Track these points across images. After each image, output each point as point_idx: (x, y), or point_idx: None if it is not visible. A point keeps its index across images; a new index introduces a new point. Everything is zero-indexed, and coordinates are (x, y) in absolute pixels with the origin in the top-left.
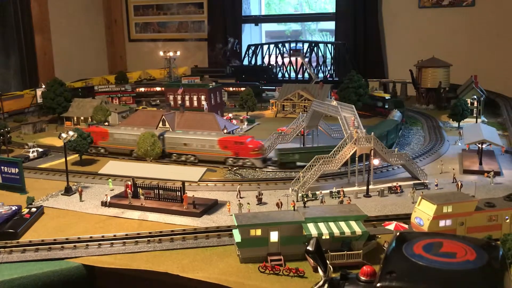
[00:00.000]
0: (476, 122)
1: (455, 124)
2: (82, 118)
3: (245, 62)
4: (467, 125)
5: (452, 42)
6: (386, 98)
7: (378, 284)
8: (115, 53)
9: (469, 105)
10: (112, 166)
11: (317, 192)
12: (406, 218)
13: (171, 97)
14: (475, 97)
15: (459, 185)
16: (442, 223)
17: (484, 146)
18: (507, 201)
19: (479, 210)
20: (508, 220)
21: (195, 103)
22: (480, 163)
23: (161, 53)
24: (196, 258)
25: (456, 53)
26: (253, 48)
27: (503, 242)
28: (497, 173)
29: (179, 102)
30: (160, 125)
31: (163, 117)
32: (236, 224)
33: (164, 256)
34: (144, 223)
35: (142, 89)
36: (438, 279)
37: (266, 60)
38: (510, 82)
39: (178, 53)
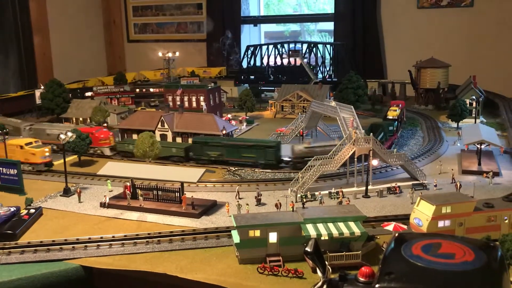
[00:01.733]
0: (475, 122)
1: (454, 124)
2: (81, 119)
3: (244, 63)
4: (466, 126)
5: (451, 42)
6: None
7: (377, 285)
8: (114, 53)
9: (468, 105)
10: (110, 167)
11: (316, 193)
12: (405, 218)
13: (170, 98)
14: (474, 97)
15: (458, 185)
16: (441, 223)
17: (483, 146)
18: (506, 202)
19: (478, 211)
20: (507, 221)
21: (194, 104)
22: (479, 164)
23: (160, 54)
24: (195, 259)
25: (455, 54)
26: (252, 48)
27: (502, 243)
28: (496, 174)
29: (178, 103)
30: (159, 126)
31: (162, 118)
32: (235, 225)
33: (162, 257)
34: (143, 224)
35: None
36: (437, 280)
37: (265, 60)
38: (509, 82)
39: (177, 53)
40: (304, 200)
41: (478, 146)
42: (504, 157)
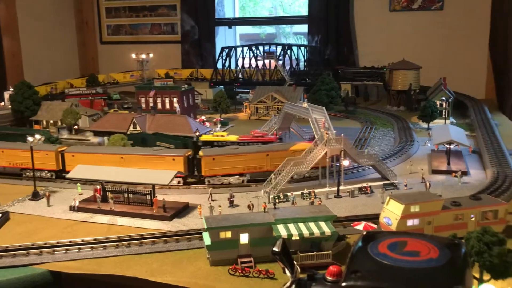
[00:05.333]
0: (445, 123)
1: (425, 125)
2: (51, 121)
3: (219, 64)
4: (436, 126)
5: (422, 45)
6: None
7: (343, 284)
8: (87, 55)
9: (438, 106)
10: (80, 170)
11: (289, 194)
12: (375, 218)
13: (143, 100)
14: (444, 98)
15: (428, 185)
16: (410, 222)
17: (452, 146)
18: (472, 200)
19: (446, 209)
20: (473, 219)
21: (168, 106)
22: (448, 163)
23: (134, 56)
24: (165, 262)
25: (426, 56)
26: (226, 50)
27: (467, 240)
28: (465, 173)
29: (151, 104)
30: (131, 128)
31: (134, 120)
32: (205, 227)
33: (133, 261)
34: (113, 227)
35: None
36: (402, 278)
37: (240, 62)
38: (478, 84)
39: (151, 55)
40: (277, 201)
41: (448, 146)
42: (472, 156)
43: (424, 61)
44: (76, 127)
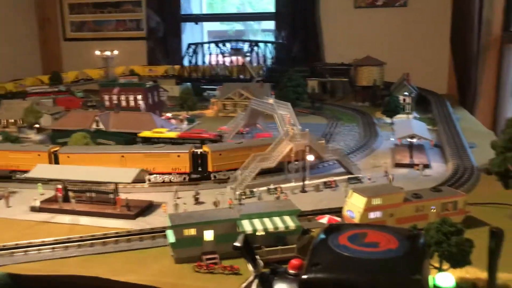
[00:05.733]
0: (408, 118)
1: (389, 120)
2: (12, 120)
3: (185, 61)
4: (399, 121)
5: (386, 41)
6: None
7: (304, 276)
8: (50, 52)
9: (401, 101)
10: (40, 169)
11: (255, 189)
12: (339, 211)
13: (106, 97)
14: (407, 94)
15: (391, 178)
16: (372, 215)
17: (414, 140)
18: (433, 192)
19: (407, 202)
20: (434, 210)
21: (132, 103)
22: (411, 157)
23: (98, 53)
24: (129, 261)
25: (390, 52)
26: (193, 47)
27: (427, 231)
28: (426, 166)
29: (115, 102)
30: (94, 126)
31: (96, 117)
32: (169, 225)
33: (95, 261)
34: (76, 227)
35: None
36: (361, 268)
37: (206, 59)
38: (440, 79)
39: (116, 52)
40: (243, 197)
41: (410, 140)
42: (434, 150)
43: (388, 57)
44: (37, 126)
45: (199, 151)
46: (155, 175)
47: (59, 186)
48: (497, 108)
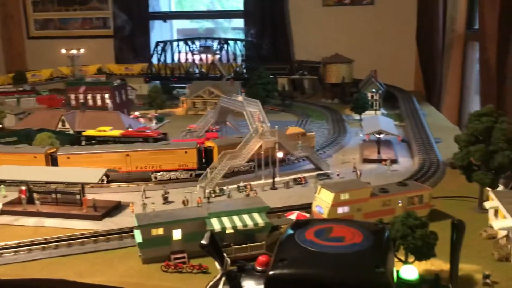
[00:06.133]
0: (376, 114)
1: (357, 116)
2: None
3: (154, 59)
4: (367, 117)
5: (354, 38)
6: None
7: (270, 272)
8: (13, 51)
9: (369, 98)
10: (4, 171)
11: (224, 187)
12: (308, 207)
13: (73, 96)
14: (374, 90)
15: (359, 173)
16: (340, 210)
17: (382, 136)
18: (399, 186)
19: (374, 196)
20: (400, 204)
21: (99, 102)
22: (379, 152)
23: (64, 51)
24: (95, 262)
25: (358, 49)
26: (162, 45)
27: (393, 224)
28: (394, 161)
29: (81, 101)
30: (60, 125)
31: (62, 117)
32: (136, 225)
33: (60, 263)
34: (40, 229)
35: None
36: (327, 263)
37: (176, 57)
38: (407, 76)
39: (82, 50)
40: (213, 195)
41: (378, 136)
42: (401, 145)
43: (356, 54)
44: (0, 126)
45: (204, 146)
46: (161, 173)
47: (23, 188)
48: (461, 104)
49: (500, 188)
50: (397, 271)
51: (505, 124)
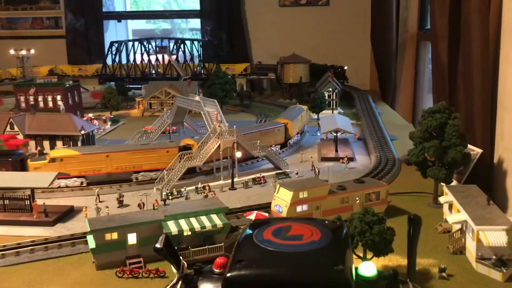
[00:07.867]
0: (332, 113)
1: (315, 115)
2: None
3: (109, 60)
4: (323, 116)
5: (311, 39)
6: None
7: (227, 275)
8: None
9: (326, 97)
10: None
11: (182, 189)
12: (268, 207)
13: (22, 98)
14: (331, 90)
15: (317, 172)
16: (299, 208)
17: (339, 134)
18: (356, 183)
19: (332, 194)
20: (358, 201)
21: (51, 104)
22: (336, 151)
23: (12, 52)
24: (46, 270)
25: (314, 49)
26: (116, 45)
27: (351, 221)
28: (351, 159)
29: (31, 103)
30: (8, 128)
31: (11, 120)
32: (89, 229)
33: (8, 272)
34: None
35: None
36: (285, 262)
37: (131, 58)
38: (363, 76)
39: (32, 51)
40: (170, 197)
41: (335, 134)
42: (358, 143)
43: (313, 54)
44: None
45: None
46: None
47: None
48: (415, 102)
49: (454, 183)
50: (356, 268)
51: (457, 120)
